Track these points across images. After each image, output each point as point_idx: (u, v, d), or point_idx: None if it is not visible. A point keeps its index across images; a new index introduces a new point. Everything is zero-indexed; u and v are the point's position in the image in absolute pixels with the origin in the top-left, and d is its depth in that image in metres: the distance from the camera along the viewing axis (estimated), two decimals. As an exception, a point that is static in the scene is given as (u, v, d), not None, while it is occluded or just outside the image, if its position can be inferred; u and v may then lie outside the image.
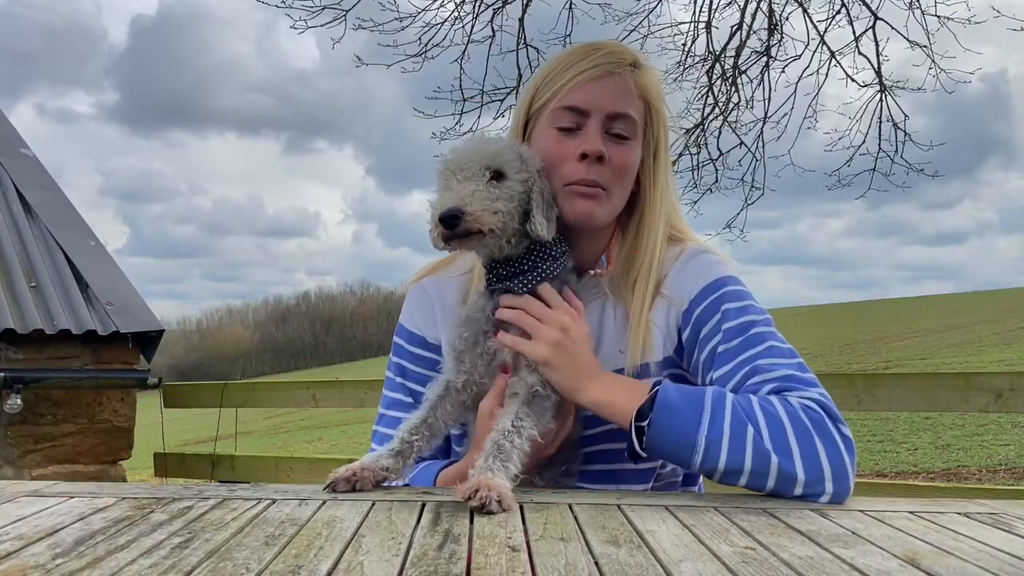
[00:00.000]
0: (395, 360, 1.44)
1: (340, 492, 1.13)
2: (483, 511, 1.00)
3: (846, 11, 6.09)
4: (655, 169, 1.36)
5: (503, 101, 6.21)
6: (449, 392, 1.25)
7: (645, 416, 1.14)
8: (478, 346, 1.25)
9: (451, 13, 5.98)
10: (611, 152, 1.28)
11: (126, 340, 4.66)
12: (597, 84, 1.29)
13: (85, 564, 0.80)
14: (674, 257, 1.36)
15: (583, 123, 1.29)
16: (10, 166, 5.41)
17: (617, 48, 1.35)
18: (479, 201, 1.16)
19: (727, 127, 6.50)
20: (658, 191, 1.36)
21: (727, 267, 1.34)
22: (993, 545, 0.93)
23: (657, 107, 1.35)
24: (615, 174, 1.30)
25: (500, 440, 1.11)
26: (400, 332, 1.46)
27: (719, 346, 1.24)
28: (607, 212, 1.32)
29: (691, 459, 1.11)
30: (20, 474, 4.46)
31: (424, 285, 1.46)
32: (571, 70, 1.30)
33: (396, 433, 1.21)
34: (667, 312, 1.32)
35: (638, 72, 1.33)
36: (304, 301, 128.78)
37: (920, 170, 6.35)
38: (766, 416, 1.11)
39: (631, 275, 1.34)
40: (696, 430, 1.11)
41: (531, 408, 1.17)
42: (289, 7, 5.55)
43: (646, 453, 1.15)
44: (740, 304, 1.27)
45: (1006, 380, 3.20)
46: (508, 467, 1.08)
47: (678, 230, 1.41)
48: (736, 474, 1.11)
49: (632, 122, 1.31)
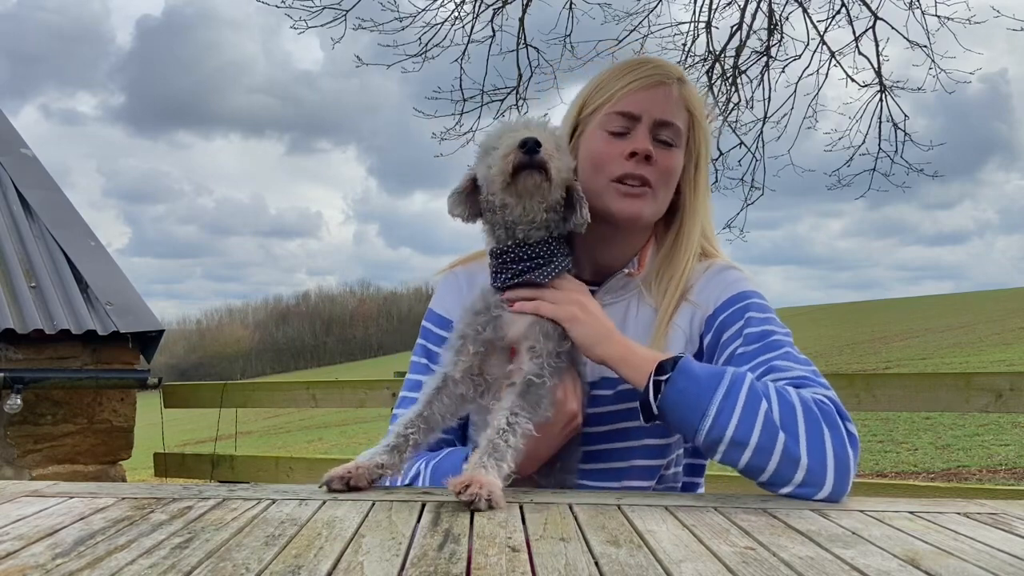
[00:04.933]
0: (421, 343, 1.47)
1: (336, 490, 1.13)
2: (471, 507, 1.02)
3: (846, 11, 6.09)
4: (696, 179, 1.42)
5: (503, 101, 6.21)
6: (446, 385, 1.24)
7: (665, 372, 1.16)
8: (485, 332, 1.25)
9: (451, 13, 5.98)
10: (658, 155, 1.34)
11: (126, 340, 4.66)
12: (647, 92, 1.36)
13: (85, 564, 0.80)
14: (702, 269, 1.41)
15: (632, 128, 1.35)
16: (10, 166, 5.41)
17: (665, 63, 1.43)
18: (551, 144, 1.20)
19: (727, 127, 6.50)
20: (698, 200, 1.42)
21: (752, 284, 1.38)
22: (993, 545, 0.92)
23: (700, 120, 1.41)
24: (661, 175, 1.35)
25: (495, 439, 1.12)
26: (429, 316, 1.49)
27: (739, 348, 1.28)
28: (653, 211, 1.37)
29: (700, 423, 1.13)
30: (20, 474, 4.46)
31: (456, 272, 1.51)
32: (624, 79, 1.37)
33: (391, 428, 1.22)
34: (691, 316, 1.36)
35: (684, 86, 1.40)
36: (304, 301, 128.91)
37: (920, 170, 6.35)
38: (780, 398, 1.14)
39: (663, 279, 1.39)
40: (711, 397, 1.13)
41: (526, 399, 1.17)
42: (289, 7, 5.55)
43: (658, 411, 1.16)
44: (763, 315, 1.31)
45: (1006, 380, 3.20)
46: (502, 466, 1.09)
47: (710, 243, 1.46)
48: (741, 447, 1.12)
49: (677, 131, 1.37)
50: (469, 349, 1.24)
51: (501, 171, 1.19)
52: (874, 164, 6.44)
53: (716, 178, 6.58)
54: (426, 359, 1.45)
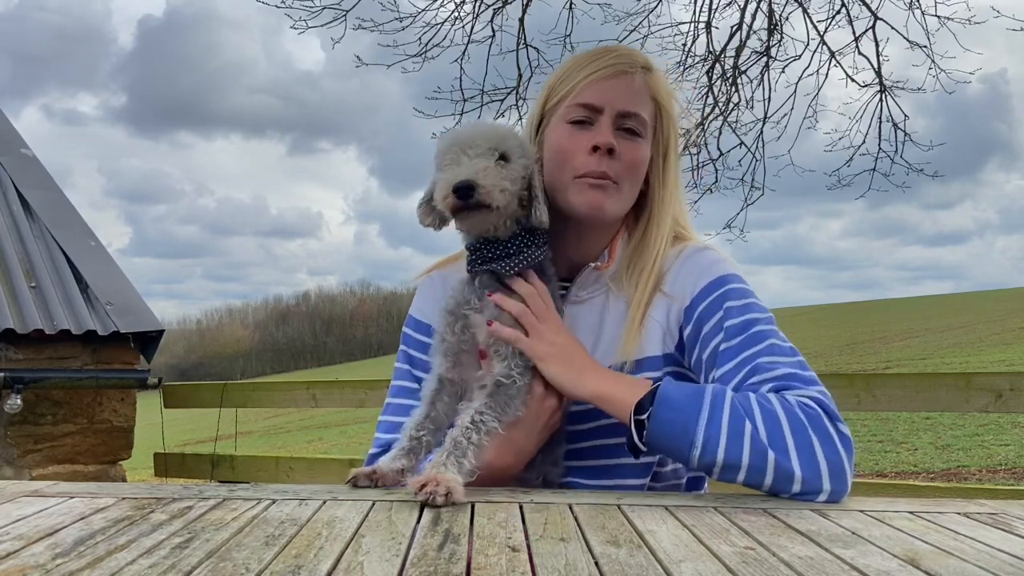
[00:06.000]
0: (403, 349, 1.48)
1: (362, 487, 1.17)
2: (429, 504, 1.04)
3: (846, 11, 6.08)
4: (664, 169, 1.40)
5: (503, 101, 6.20)
6: (444, 385, 1.27)
7: (645, 410, 1.15)
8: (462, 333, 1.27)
9: (451, 13, 5.97)
10: (622, 147, 1.32)
11: (126, 340, 4.65)
12: (609, 83, 1.33)
13: (85, 564, 0.80)
14: (675, 255, 1.38)
15: (595, 119, 1.33)
16: (10, 166, 5.40)
17: (629, 51, 1.40)
18: (491, 177, 1.20)
19: (727, 127, 6.50)
20: (667, 190, 1.40)
21: (729, 265, 1.34)
22: (993, 545, 0.92)
23: (667, 109, 1.39)
24: (625, 168, 1.33)
25: (458, 437, 1.15)
26: (409, 322, 1.49)
27: (721, 344, 1.25)
28: (617, 205, 1.35)
29: (689, 453, 1.12)
30: (20, 474, 4.45)
31: (433, 277, 1.51)
32: (585, 69, 1.35)
33: (402, 432, 1.24)
34: (668, 309, 1.33)
35: (649, 74, 1.37)
36: (304, 301, 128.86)
37: (920, 170, 6.34)
38: (763, 413, 1.12)
39: (634, 270, 1.36)
40: (695, 425, 1.12)
41: (495, 399, 1.20)
42: (289, 7, 5.55)
43: (646, 448, 1.16)
44: (742, 302, 1.28)
45: (1006, 380, 3.19)
46: (463, 463, 1.12)
47: (683, 228, 1.43)
48: (734, 469, 1.11)
49: (642, 121, 1.34)
50: (448, 351, 1.27)
51: (443, 209, 1.23)
52: (874, 164, 6.43)
53: (716, 178, 6.58)
54: (408, 365, 1.45)
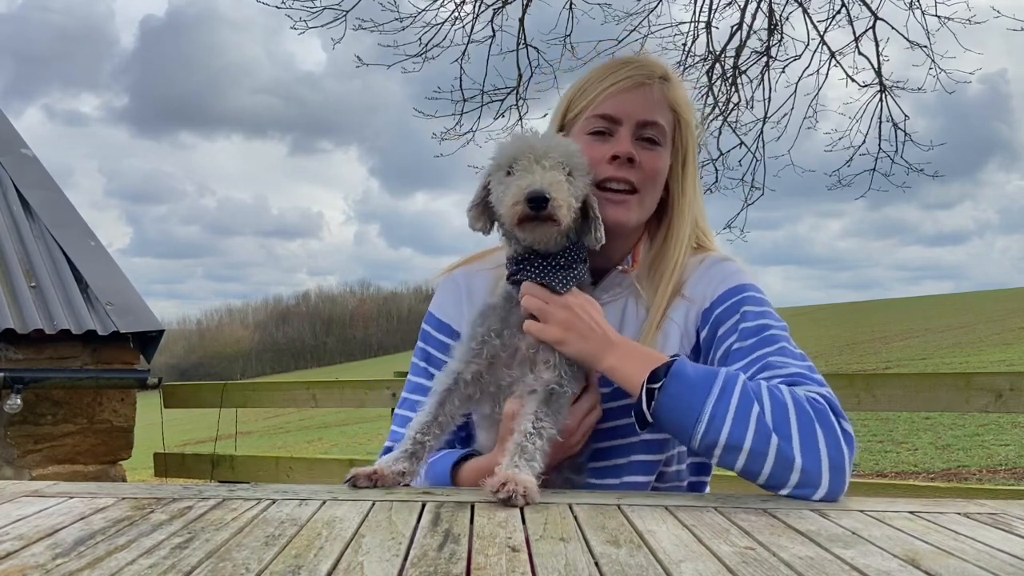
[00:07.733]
0: (421, 346, 1.48)
1: (361, 487, 1.16)
2: (508, 504, 1.04)
3: (846, 11, 6.09)
4: (683, 176, 1.42)
5: (503, 101, 6.21)
6: (457, 385, 1.25)
7: (659, 380, 1.16)
8: (501, 337, 1.26)
9: (451, 13, 5.98)
10: (641, 156, 1.34)
11: (126, 340, 4.66)
12: (629, 94, 1.36)
13: (85, 564, 0.80)
14: (696, 263, 1.41)
15: (615, 130, 1.35)
16: (10, 166, 5.40)
17: (648, 61, 1.42)
18: (563, 192, 1.19)
19: (727, 127, 6.50)
20: (686, 198, 1.42)
21: (749, 275, 1.38)
22: (993, 545, 0.92)
23: (686, 118, 1.41)
24: (646, 177, 1.35)
25: (523, 442, 1.14)
26: (429, 320, 1.49)
27: (734, 344, 1.28)
28: (639, 216, 1.37)
29: (694, 428, 1.13)
30: (20, 474, 4.45)
31: (455, 276, 1.51)
32: (604, 82, 1.37)
33: (407, 432, 1.23)
34: (687, 311, 1.36)
35: (668, 84, 1.39)
36: (304, 301, 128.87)
37: (920, 170, 6.35)
38: (772, 399, 1.14)
39: (655, 275, 1.39)
40: (704, 402, 1.13)
41: (549, 407, 1.19)
42: (289, 8, 5.55)
43: (651, 419, 1.17)
44: (759, 309, 1.31)
45: (1006, 380, 3.19)
46: (533, 465, 1.12)
47: (705, 235, 1.46)
48: (736, 450, 1.12)
49: (661, 130, 1.37)
50: (483, 353, 1.25)
51: (509, 216, 1.20)
52: (874, 164, 6.44)
53: (716, 178, 6.59)
54: (425, 362, 1.46)
